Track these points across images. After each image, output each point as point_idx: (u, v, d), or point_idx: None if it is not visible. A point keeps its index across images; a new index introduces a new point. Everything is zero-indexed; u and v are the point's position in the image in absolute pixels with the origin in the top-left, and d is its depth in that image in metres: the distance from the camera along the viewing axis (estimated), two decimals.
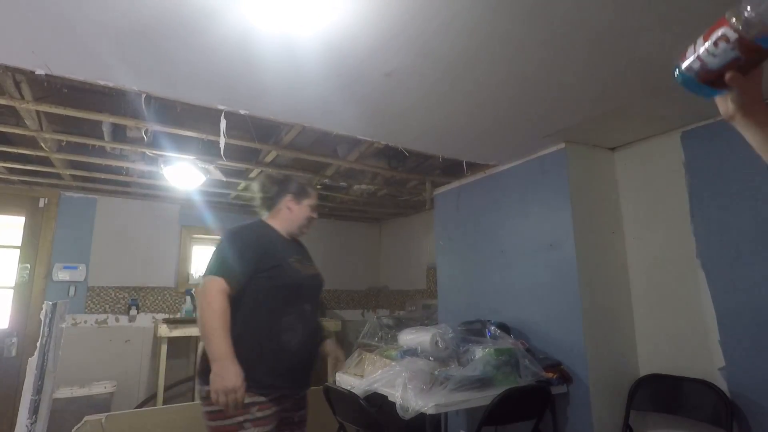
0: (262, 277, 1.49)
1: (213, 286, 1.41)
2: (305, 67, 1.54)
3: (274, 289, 1.51)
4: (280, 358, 1.48)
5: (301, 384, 1.58)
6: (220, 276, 1.43)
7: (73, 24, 1.30)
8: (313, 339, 1.62)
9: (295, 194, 1.70)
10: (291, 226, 1.70)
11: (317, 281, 1.70)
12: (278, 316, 1.50)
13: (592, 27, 1.32)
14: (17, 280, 3.23)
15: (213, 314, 1.38)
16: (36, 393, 1.87)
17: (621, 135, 2.24)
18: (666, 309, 2.10)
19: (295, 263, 1.58)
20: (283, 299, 1.52)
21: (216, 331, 1.37)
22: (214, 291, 1.40)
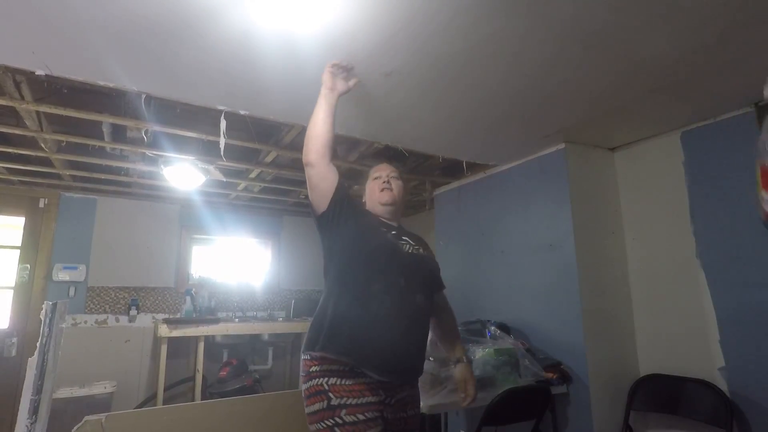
0: (362, 248, 1.38)
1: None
2: (305, 67, 1.54)
3: (360, 251, 1.38)
4: (365, 327, 1.28)
5: (392, 368, 1.30)
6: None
7: (74, 24, 1.30)
8: (415, 326, 1.37)
9: (363, 183, 1.68)
10: (375, 206, 1.57)
11: (422, 262, 1.48)
12: (366, 281, 1.34)
13: (592, 27, 1.32)
14: (17, 280, 3.24)
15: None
16: (36, 393, 1.86)
17: (621, 135, 2.24)
18: (666, 309, 2.10)
19: (398, 242, 1.46)
20: (370, 264, 1.36)
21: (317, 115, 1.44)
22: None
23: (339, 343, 1.27)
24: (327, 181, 1.41)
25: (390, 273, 1.37)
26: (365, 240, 1.41)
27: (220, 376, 3.44)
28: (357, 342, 1.27)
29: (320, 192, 1.41)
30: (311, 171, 1.41)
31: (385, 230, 1.47)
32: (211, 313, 3.70)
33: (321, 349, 1.28)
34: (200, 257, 4.07)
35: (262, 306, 4.10)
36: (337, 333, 1.28)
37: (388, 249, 1.41)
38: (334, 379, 1.26)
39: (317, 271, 4.59)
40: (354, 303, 1.32)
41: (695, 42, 1.39)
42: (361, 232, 1.41)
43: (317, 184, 1.41)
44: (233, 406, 2.70)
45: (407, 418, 1.38)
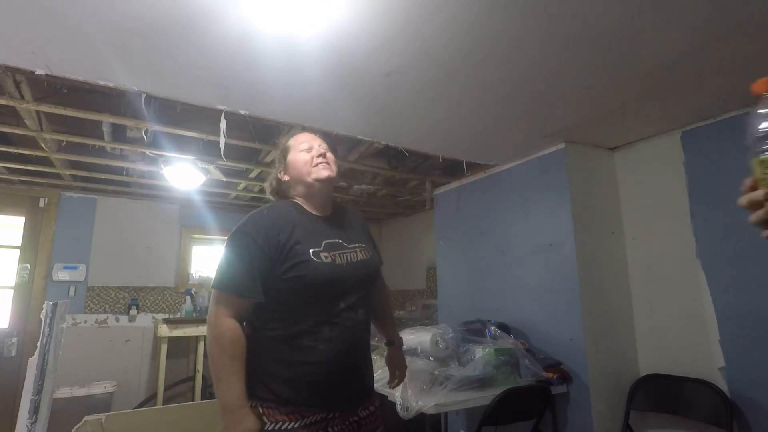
0: (277, 279, 1.16)
1: (218, 311, 1.13)
2: (305, 67, 1.54)
3: (290, 291, 1.17)
4: (300, 370, 1.15)
5: (337, 403, 1.19)
6: (228, 292, 1.14)
7: (73, 24, 1.30)
8: (356, 344, 1.24)
9: (281, 160, 1.39)
10: (306, 184, 1.30)
11: (361, 270, 1.27)
12: (297, 319, 1.18)
13: (592, 27, 1.32)
14: (17, 280, 3.24)
15: (219, 349, 1.10)
16: (36, 393, 1.86)
17: (621, 135, 2.24)
18: (666, 309, 2.10)
19: (323, 253, 1.20)
20: (304, 300, 1.18)
21: (225, 373, 1.09)
22: (219, 317, 1.12)
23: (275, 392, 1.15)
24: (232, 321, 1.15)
25: (328, 302, 1.20)
26: (300, 280, 1.17)
27: None
28: (293, 388, 1.15)
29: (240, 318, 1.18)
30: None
31: (315, 246, 1.21)
32: None
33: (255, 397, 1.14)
34: (200, 257, 4.07)
35: None
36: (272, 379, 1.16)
37: (324, 280, 1.18)
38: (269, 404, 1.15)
39: None
40: (285, 346, 1.17)
41: (695, 42, 1.39)
42: (289, 278, 1.17)
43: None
44: None
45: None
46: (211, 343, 1.13)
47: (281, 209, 1.27)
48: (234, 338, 1.12)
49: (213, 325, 1.13)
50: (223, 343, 1.11)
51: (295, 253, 1.17)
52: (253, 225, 1.21)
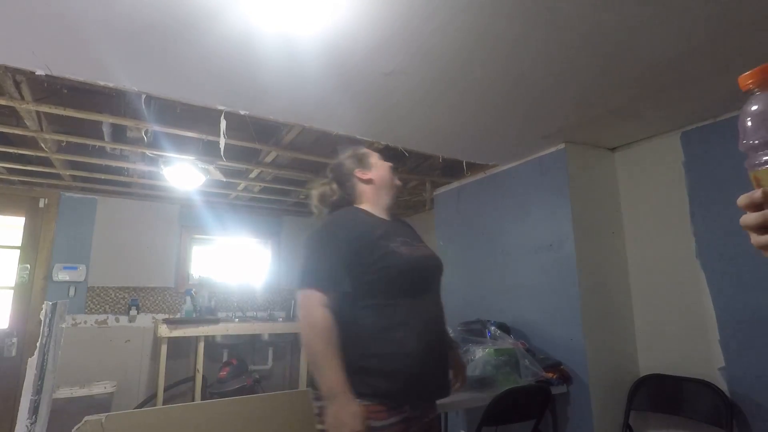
0: (365, 272, 1.23)
1: (310, 302, 1.16)
2: (305, 67, 1.54)
3: (380, 283, 1.23)
4: (397, 363, 1.19)
5: (426, 397, 1.26)
6: (316, 287, 1.18)
7: (73, 24, 1.30)
8: (440, 338, 1.31)
9: (360, 163, 1.45)
10: (382, 197, 1.43)
11: (433, 263, 1.38)
12: (388, 312, 1.22)
13: (592, 27, 1.32)
14: (17, 280, 3.24)
15: (316, 337, 1.13)
16: (36, 393, 1.86)
17: (621, 135, 2.24)
18: (666, 309, 2.10)
19: (401, 247, 1.29)
20: (392, 292, 1.24)
21: (324, 359, 1.12)
22: (312, 307, 1.16)
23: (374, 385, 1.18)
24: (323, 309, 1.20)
25: (412, 294, 1.27)
26: (386, 271, 1.24)
27: (220, 376, 3.44)
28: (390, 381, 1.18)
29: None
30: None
31: (393, 241, 1.30)
32: (211, 313, 3.70)
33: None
34: (200, 257, 4.07)
35: (262, 306, 4.10)
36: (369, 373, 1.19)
37: (406, 269, 1.27)
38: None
39: None
40: (380, 340, 1.21)
41: (695, 42, 1.39)
42: (375, 269, 1.24)
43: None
44: (233, 406, 2.70)
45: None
46: (307, 331, 1.15)
47: (357, 212, 1.38)
48: (329, 326, 1.15)
49: (307, 314, 1.16)
50: (319, 330, 1.14)
51: (381, 246, 1.26)
52: (338, 223, 1.31)
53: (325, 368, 1.13)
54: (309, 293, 1.18)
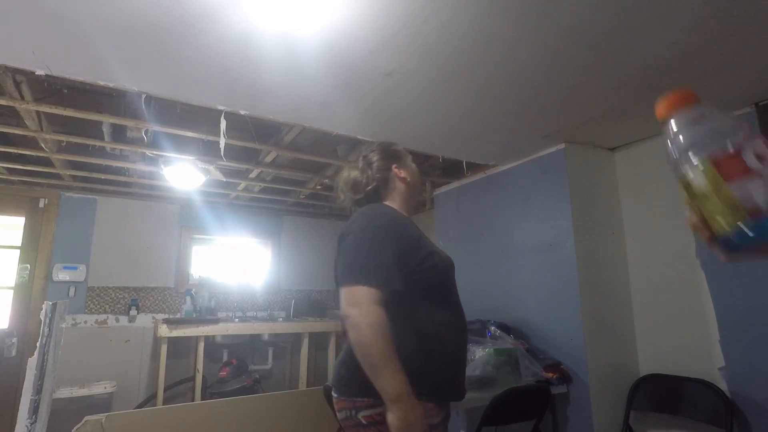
0: (414, 271, 1.18)
1: (365, 299, 1.06)
2: (305, 67, 1.54)
3: (426, 282, 1.21)
4: (447, 362, 1.20)
5: (458, 395, 1.25)
6: (369, 284, 1.08)
7: (74, 24, 1.30)
8: (467, 337, 1.33)
9: (398, 160, 1.39)
10: (411, 199, 1.40)
11: (453, 264, 1.36)
12: (433, 311, 1.21)
13: (592, 27, 1.32)
14: (17, 280, 3.23)
15: (378, 337, 1.03)
16: (36, 393, 1.86)
17: (621, 135, 2.24)
18: (666, 309, 2.10)
19: (436, 247, 1.29)
20: (439, 292, 1.24)
21: (388, 360, 1.03)
22: (368, 304, 1.05)
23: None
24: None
25: (451, 294, 1.28)
26: (436, 270, 1.23)
27: (220, 376, 3.44)
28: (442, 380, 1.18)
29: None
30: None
31: (428, 241, 1.28)
32: (211, 313, 3.70)
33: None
34: (200, 257, 4.07)
35: (262, 306, 4.10)
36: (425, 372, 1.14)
37: (447, 269, 1.27)
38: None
39: (317, 271, 4.60)
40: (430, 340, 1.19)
41: (694, 42, 1.39)
42: (425, 268, 1.21)
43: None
44: (233, 406, 2.70)
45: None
46: (365, 331, 1.04)
47: (394, 210, 1.31)
48: (387, 325, 1.06)
49: (365, 312, 1.05)
50: (380, 329, 1.04)
51: (424, 245, 1.24)
52: (388, 218, 1.23)
53: (388, 370, 1.03)
54: (362, 290, 1.07)
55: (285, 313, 4.12)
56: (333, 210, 4.09)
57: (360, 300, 1.07)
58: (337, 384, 1.21)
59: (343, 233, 1.22)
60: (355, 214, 1.28)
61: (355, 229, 1.19)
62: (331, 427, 2.25)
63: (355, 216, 1.26)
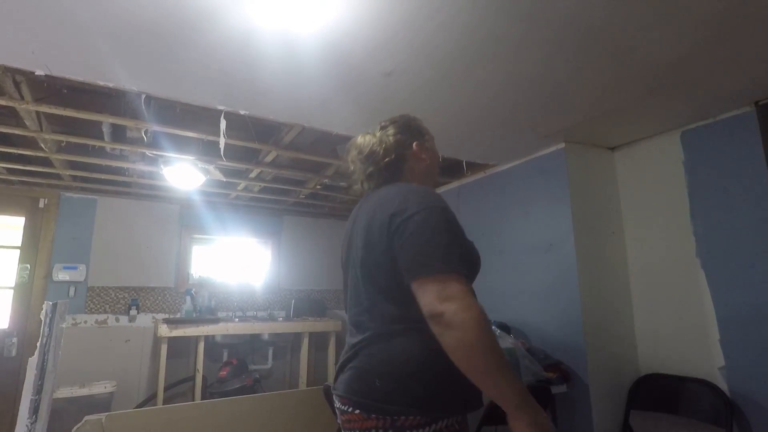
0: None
1: (461, 288, 0.88)
2: (305, 67, 1.54)
3: (474, 274, 1.06)
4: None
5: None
6: (462, 273, 0.90)
7: (73, 24, 1.30)
8: None
9: (420, 137, 1.20)
10: (430, 181, 1.24)
11: None
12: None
13: (592, 27, 1.32)
14: (17, 280, 3.23)
15: (484, 333, 0.85)
16: (36, 393, 1.87)
17: (621, 135, 2.24)
18: (666, 309, 2.10)
19: None
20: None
21: (500, 358, 0.86)
22: (466, 296, 0.87)
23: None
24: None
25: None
26: (477, 263, 1.08)
27: (220, 376, 3.44)
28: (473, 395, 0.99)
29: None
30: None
31: None
32: (211, 313, 3.70)
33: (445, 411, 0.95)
34: (200, 257, 4.07)
35: (262, 306, 4.10)
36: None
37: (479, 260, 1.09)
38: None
39: (317, 270, 4.59)
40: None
41: (695, 42, 1.39)
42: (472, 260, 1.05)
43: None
44: (233, 406, 2.70)
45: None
46: (472, 329, 0.85)
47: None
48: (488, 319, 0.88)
49: (465, 306, 0.86)
50: (486, 325, 0.86)
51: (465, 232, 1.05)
52: (441, 199, 1.03)
53: (505, 370, 0.86)
54: (454, 280, 0.88)
55: (285, 312, 4.12)
56: (333, 210, 4.09)
57: (455, 293, 0.87)
58: (362, 398, 0.98)
59: (394, 213, 0.98)
60: (390, 191, 1.07)
61: (416, 209, 0.97)
62: (331, 427, 2.25)
63: (396, 193, 1.04)
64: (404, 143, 1.18)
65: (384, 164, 1.15)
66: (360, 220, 1.10)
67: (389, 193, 1.06)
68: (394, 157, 1.16)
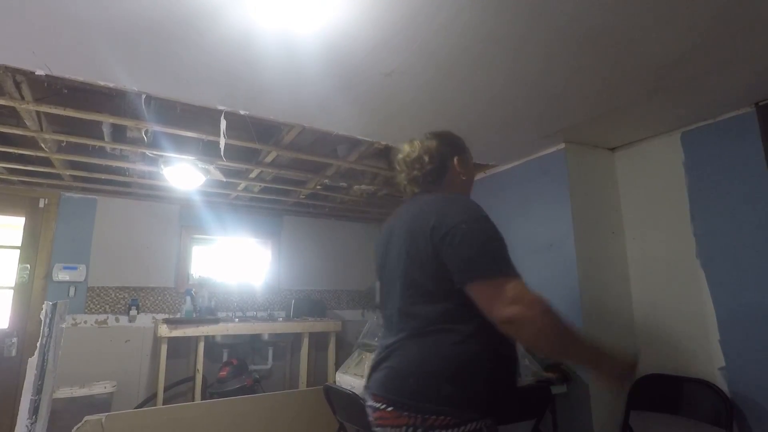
0: None
1: (522, 289, 1.00)
2: (305, 67, 1.54)
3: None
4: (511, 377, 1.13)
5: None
6: (517, 275, 1.03)
7: (74, 24, 1.30)
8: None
9: (460, 153, 1.31)
10: (469, 189, 1.38)
11: None
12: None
13: (592, 27, 1.32)
14: (17, 280, 3.23)
15: (554, 318, 1.00)
16: (36, 393, 1.86)
17: (621, 135, 2.24)
18: (666, 309, 2.10)
19: None
20: None
21: (574, 331, 1.03)
22: (527, 294, 1.00)
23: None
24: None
25: None
26: None
27: (220, 376, 3.44)
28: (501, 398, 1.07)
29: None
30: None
31: None
32: (211, 313, 3.70)
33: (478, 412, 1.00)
34: (200, 257, 4.07)
35: (262, 306, 4.10)
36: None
37: None
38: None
39: (317, 271, 4.60)
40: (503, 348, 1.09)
41: (695, 42, 1.39)
42: None
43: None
44: (233, 406, 2.70)
45: None
46: (543, 322, 0.97)
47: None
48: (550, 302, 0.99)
49: (530, 303, 0.97)
50: (552, 310, 0.98)
51: None
52: (482, 210, 1.13)
53: (580, 338, 1.03)
54: (514, 282, 1.00)
55: (285, 313, 4.12)
56: (333, 210, 4.09)
57: (518, 294, 0.97)
58: (396, 396, 1.02)
59: (437, 222, 1.06)
60: (435, 201, 1.14)
61: (462, 218, 1.05)
62: (331, 427, 2.25)
63: (441, 204, 1.12)
64: (446, 155, 1.28)
65: (427, 170, 1.26)
66: (400, 228, 1.18)
67: (431, 202, 1.15)
68: (437, 165, 1.26)
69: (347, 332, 4.25)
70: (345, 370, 2.38)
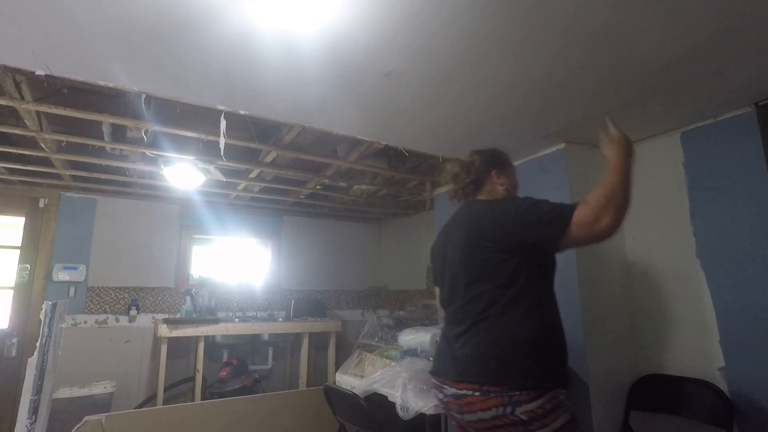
0: (546, 263, 1.39)
1: (581, 207, 1.28)
2: (305, 67, 1.54)
3: (551, 275, 1.42)
4: (564, 351, 1.36)
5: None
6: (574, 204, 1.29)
7: (74, 24, 1.30)
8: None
9: (500, 167, 1.55)
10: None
11: None
12: (554, 304, 1.41)
13: (592, 27, 1.32)
14: (17, 280, 3.24)
15: (608, 194, 1.30)
16: (36, 393, 1.86)
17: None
18: (666, 309, 2.10)
19: None
20: (552, 286, 1.43)
21: (627, 185, 1.36)
22: (585, 206, 1.28)
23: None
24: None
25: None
26: (551, 260, 1.44)
27: (220, 376, 3.44)
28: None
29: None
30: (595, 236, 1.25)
31: None
32: (211, 313, 3.70)
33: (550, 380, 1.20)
34: (200, 257, 4.07)
35: (262, 306, 4.10)
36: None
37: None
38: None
39: (317, 271, 4.60)
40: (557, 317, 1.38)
41: (695, 42, 1.39)
42: (544, 255, 1.43)
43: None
44: (233, 406, 2.71)
45: None
46: (607, 203, 1.25)
47: None
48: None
49: (593, 206, 1.25)
50: (597, 199, 1.25)
51: None
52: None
53: (615, 183, 1.33)
54: (573, 213, 1.25)
55: (285, 313, 4.12)
56: (333, 210, 4.09)
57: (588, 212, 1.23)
58: (480, 379, 1.18)
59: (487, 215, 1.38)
60: (485, 207, 1.43)
61: (516, 204, 1.36)
62: (331, 427, 2.25)
63: (492, 208, 1.41)
64: (483, 170, 1.54)
65: (465, 183, 1.54)
66: (457, 231, 1.44)
67: (482, 211, 1.43)
68: (474, 178, 1.53)
69: (347, 332, 4.25)
70: (345, 370, 2.38)
